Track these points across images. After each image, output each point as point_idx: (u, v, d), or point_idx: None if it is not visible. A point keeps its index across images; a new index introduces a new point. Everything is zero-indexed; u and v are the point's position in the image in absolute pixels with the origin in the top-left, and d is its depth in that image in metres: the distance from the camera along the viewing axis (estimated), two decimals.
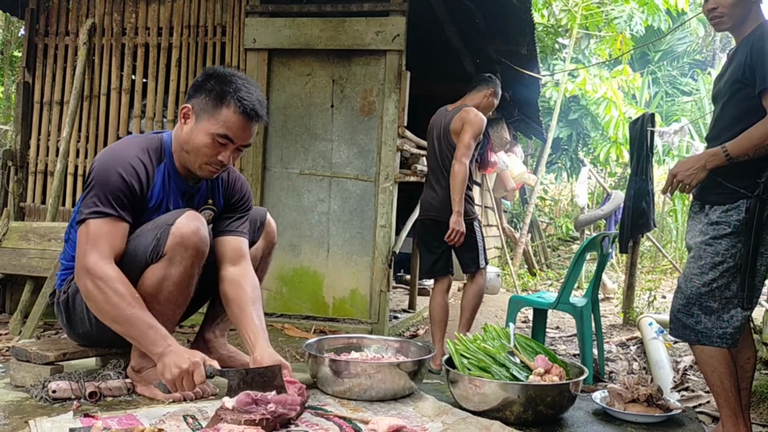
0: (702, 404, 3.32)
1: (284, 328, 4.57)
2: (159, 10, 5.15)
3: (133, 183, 2.07)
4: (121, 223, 2.05)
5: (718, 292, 2.37)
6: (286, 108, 4.91)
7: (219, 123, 2.08)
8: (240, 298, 2.23)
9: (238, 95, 2.07)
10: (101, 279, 1.96)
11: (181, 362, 1.87)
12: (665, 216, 12.44)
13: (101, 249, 1.99)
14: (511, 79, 8.06)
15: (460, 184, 3.84)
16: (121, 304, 1.95)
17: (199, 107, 2.11)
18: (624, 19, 10.19)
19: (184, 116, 2.15)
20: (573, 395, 2.11)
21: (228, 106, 2.08)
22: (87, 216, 2.03)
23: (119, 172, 2.05)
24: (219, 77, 2.12)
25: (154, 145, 2.18)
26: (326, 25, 4.77)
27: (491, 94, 4.07)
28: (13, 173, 5.31)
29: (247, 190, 2.43)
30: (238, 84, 2.10)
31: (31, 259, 4.43)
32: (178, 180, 2.22)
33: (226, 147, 2.11)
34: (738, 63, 2.40)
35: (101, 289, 1.96)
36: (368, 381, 2.15)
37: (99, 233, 2.01)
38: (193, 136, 2.11)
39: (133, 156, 2.10)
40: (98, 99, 5.24)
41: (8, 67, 14.24)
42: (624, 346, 4.95)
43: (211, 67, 2.20)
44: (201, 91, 2.12)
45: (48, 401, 2.01)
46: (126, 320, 1.96)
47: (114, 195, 2.03)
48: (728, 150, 2.33)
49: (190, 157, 2.14)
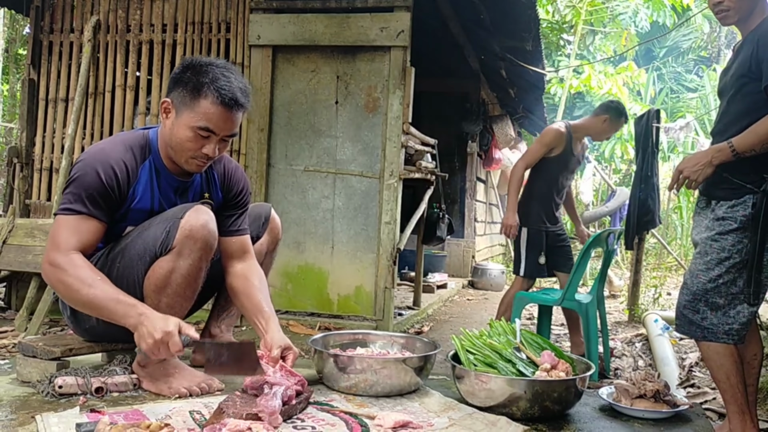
0: (708, 401, 3.31)
1: (289, 324, 4.57)
2: (163, 7, 5.14)
3: (112, 183, 2.06)
4: (91, 220, 2.04)
5: (724, 287, 2.36)
6: (290, 104, 4.90)
7: (199, 115, 2.05)
8: (248, 288, 2.27)
9: (216, 85, 2.03)
10: (60, 269, 1.97)
11: (154, 333, 1.86)
12: (670, 213, 12.40)
13: (66, 242, 2.00)
14: (515, 76, 8.05)
15: (513, 184, 4.23)
16: (81, 288, 1.95)
17: (178, 101, 2.08)
18: (629, 15, 10.15)
19: (164, 111, 2.12)
20: (580, 391, 2.10)
21: (206, 98, 2.04)
22: (59, 212, 2.05)
23: (98, 171, 2.04)
24: (195, 68, 2.08)
25: (139, 143, 2.17)
26: (331, 21, 4.77)
27: (605, 120, 4.16)
28: (18, 170, 5.32)
29: (245, 181, 2.42)
30: (215, 73, 2.05)
31: (36, 256, 4.44)
32: (168, 176, 2.21)
33: (209, 139, 2.08)
34: (744, 57, 2.39)
35: (61, 279, 1.98)
36: (374, 377, 2.15)
37: (66, 228, 2.02)
38: (174, 131, 2.09)
39: (115, 156, 2.09)
40: (103, 96, 5.24)
41: (13, 65, 14.28)
42: (629, 342, 4.94)
43: (188, 58, 2.17)
44: (178, 83, 2.09)
45: (54, 396, 2.01)
46: (90, 302, 1.96)
47: (88, 194, 2.03)
48: (734, 145, 2.31)
49: (175, 152, 2.13)
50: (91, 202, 2.04)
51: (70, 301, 2.05)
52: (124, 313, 1.93)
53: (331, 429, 1.84)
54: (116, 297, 1.95)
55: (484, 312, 6.30)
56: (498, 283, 8.08)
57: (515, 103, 9.63)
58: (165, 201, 2.21)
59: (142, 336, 1.89)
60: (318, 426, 1.85)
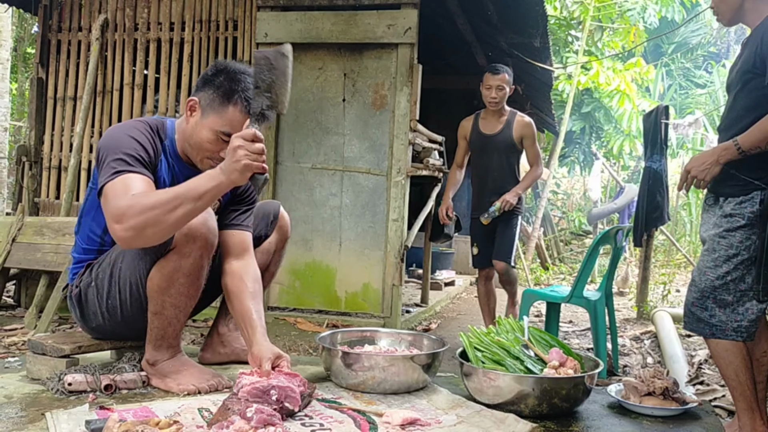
0: (717, 398, 3.30)
1: (297, 322, 4.58)
2: (171, 5, 5.16)
3: (145, 143, 2.05)
4: (140, 176, 1.95)
5: (732, 284, 2.35)
6: (297, 102, 4.91)
7: (224, 120, 2.06)
8: (240, 291, 2.20)
9: (247, 95, 2.05)
10: (133, 207, 1.82)
11: (234, 152, 1.81)
12: (679, 209, 12.35)
13: (122, 197, 1.86)
14: (523, 72, 8.01)
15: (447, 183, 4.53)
16: (160, 197, 1.83)
17: (206, 102, 2.09)
18: (637, 11, 10.10)
19: (190, 109, 2.13)
20: (588, 388, 2.10)
21: (235, 105, 2.06)
22: (105, 182, 1.93)
23: (129, 134, 2.03)
24: (229, 73, 2.09)
25: (157, 125, 2.17)
26: (338, 18, 4.76)
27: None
28: (27, 169, 5.35)
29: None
30: (248, 83, 2.07)
31: (45, 254, 4.46)
32: (180, 164, 2.21)
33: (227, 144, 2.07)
34: (749, 52, 2.37)
35: (141, 211, 1.81)
36: (382, 374, 2.15)
37: (117, 189, 1.90)
38: (197, 130, 2.10)
39: (140, 126, 2.10)
40: (111, 94, 5.26)
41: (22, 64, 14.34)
42: (638, 340, 4.92)
43: (222, 62, 2.17)
44: (209, 85, 2.10)
45: (64, 394, 2.02)
46: (177, 199, 1.82)
47: (128, 155, 1.98)
48: (740, 143, 2.30)
49: (192, 150, 2.14)
50: (134, 160, 1.98)
51: (166, 221, 1.82)
52: (208, 178, 1.85)
53: (339, 426, 1.84)
54: (187, 184, 1.86)
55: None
56: None
57: (523, 100, 9.59)
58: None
59: (234, 167, 1.82)
60: (326, 423, 1.85)
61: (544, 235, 11.06)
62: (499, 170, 4.23)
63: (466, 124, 4.36)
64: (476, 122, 4.30)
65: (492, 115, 4.25)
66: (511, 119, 4.22)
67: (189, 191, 1.84)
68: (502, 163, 4.23)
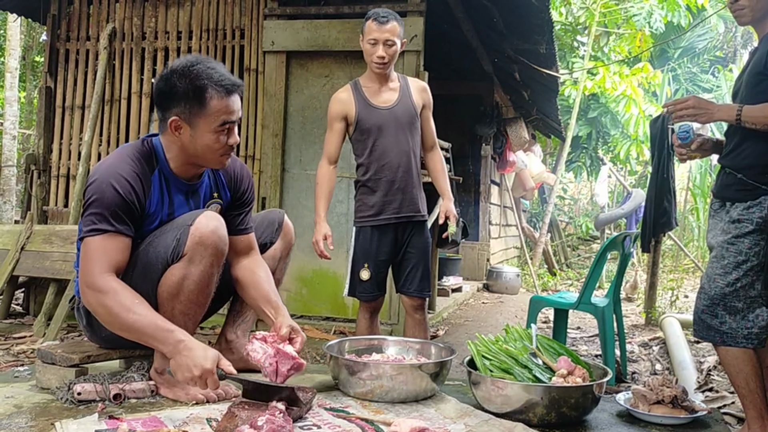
0: (727, 405, 3.28)
1: (304, 329, 4.58)
2: (178, 14, 5.19)
3: (130, 196, 2.06)
4: (119, 237, 2.05)
5: (742, 291, 2.33)
6: (304, 109, 4.92)
7: (212, 117, 2.08)
8: (255, 280, 2.31)
9: (212, 81, 2.06)
10: (101, 293, 1.98)
11: (193, 369, 1.87)
12: (687, 214, 12.30)
13: (100, 264, 2.00)
14: (529, 78, 8.02)
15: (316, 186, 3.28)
16: (121, 313, 1.96)
17: (186, 115, 2.08)
18: (643, 16, 10.09)
19: (175, 129, 2.11)
20: (597, 397, 2.09)
21: (212, 98, 2.06)
22: (85, 234, 2.04)
23: (115, 187, 2.04)
24: (181, 75, 2.07)
25: (145, 153, 2.17)
26: (344, 26, 4.78)
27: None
28: (36, 177, 5.37)
29: (249, 178, 2.45)
30: (203, 70, 2.07)
31: (54, 262, 4.48)
32: (177, 182, 2.22)
33: (230, 131, 2.13)
34: (759, 55, 2.37)
35: (102, 303, 1.98)
36: (390, 383, 2.15)
37: (97, 250, 2.01)
38: (197, 142, 2.11)
39: (127, 169, 2.09)
40: (119, 103, 5.29)
41: (30, 72, 14.43)
42: (646, 346, 4.90)
43: (164, 71, 2.16)
44: (175, 97, 2.08)
45: (73, 403, 2.03)
46: (130, 327, 1.97)
47: (111, 211, 2.03)
48: (742, 111, 2.30)
49: (202, 158, 2.16)
50: (115, 218, 2.03)
51: (110, 325, 2.04)
52: (162, 340, 1.94)
53: None
54: (155, 323, 1.96)
55: (500, 315, 6.28)
56: (513, 285, 8.05)
57: (529, 106, 9.60)
58: (178, 206, 2.23)
59: (180, 366, 1.90)
60: None
61: (551, 240, 11.04)
62: (405, 156, 3.05)
63: (344, 97, 3.10)
64: (359, 93, 3.10)
65: (379, 81, 3.10)
66: (404, 84, 3.15)
67: (141, 327, 1.95)
68: (408, 143, 3.07)
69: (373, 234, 3.04)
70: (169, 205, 2.20)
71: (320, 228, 3.02)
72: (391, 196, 3.04)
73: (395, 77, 3.16)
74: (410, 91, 3.13)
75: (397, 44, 3.03)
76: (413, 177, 3.08)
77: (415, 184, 3.10)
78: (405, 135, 3.06)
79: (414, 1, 4.66)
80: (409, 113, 3.07)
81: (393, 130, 3.04)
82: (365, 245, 3.05)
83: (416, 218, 3.12)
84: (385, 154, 3.03)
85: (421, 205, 3.15)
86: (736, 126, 2.43)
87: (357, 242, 3.09)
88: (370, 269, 3.04)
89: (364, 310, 3.11)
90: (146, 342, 1.99)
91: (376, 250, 3.04)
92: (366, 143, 3.07)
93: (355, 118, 3.06)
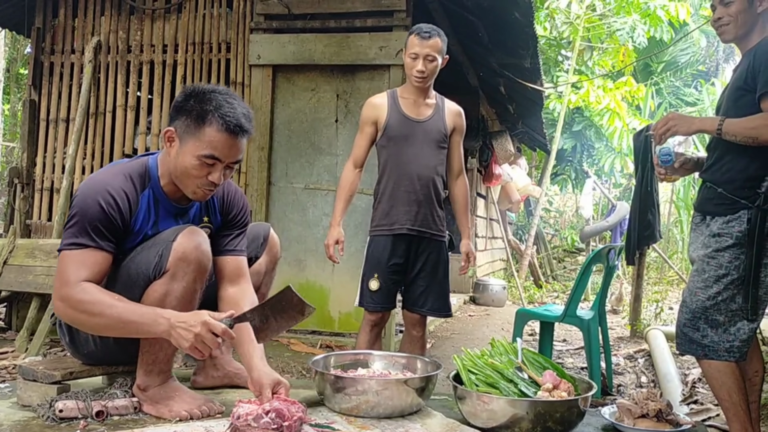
0: (711, 417, 3.30)
1: (290, 343, 4.56)
2: (164, 28, 5.19)
3: (113, 213, 2.03)
4: (99, 252, 2.01)
5: (723, 305, 2.36)
6: (290, 123, 4.93)
7: (204, 143, 2.02)
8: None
9: (220, 112, 2.01)
10: (75, 300, 1.94)
11: (192, 328, 1.85)
12: (671, 227, 12.40)
13: (73, 276, 1.96)
14: (514, 92, 8.08)
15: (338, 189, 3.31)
16: (104, 310, 1.92)
17: (182, 129, 2.05)
18: (626, 30, 10.22)
19: (168, 140, 2.09)
20: (582, 411, 2.10)
21: (210, 125, 2.01)
22: (63, 247, 2.01)
23: (99, 202, 2.01)
24: (198, 96, 2.06)
25: (138, 171, 2.14)
26: (330, 41, 4.80)
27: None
28: (19, 190, 5.33)
29: (244, 203, 2.39)
30: (219, 100, 2.04)
31: (37, 276, 4.44)
32: (167, 203, 2.18)
33: (215, 167, 2.05)
34: (741, 71, 2.41)
35: (81, 308, 1.94)
36: (376, 398, 2.14)
37: (73, 263, 1.98)
38: (180, 160, 2.06)
39: (115, 185, 2.06)
40: (104, 116, 5.27)
41: (14, 85, 14.35)
42: (632, 358, 4.92)
43: (191, 86, 2.14)
44: (182, 112, 2.06)
45: (55, 420, 2.01)
46: (116, 320, 1.93)
47: (93, 226, 2.00)
48: (723, 124, 2.34)
49: (180, 181, 2.10)
50: (96, 234, 2.00)
51: (95, 328, 2.00)
52: (152, 322, 1.91)
53: None
54: (138, 310, 1.94)
55: (486, 328, 6.28)
56: (500, 298, 8.07)
57: (514, 119, 9.66)
58: (165, 228, 2.18)
59: (181, 337, 1.86)
60: None
61: (537, 252, 11.09)
62: (427, 170, 3.06)
63: (378, 102, 3.12)
64: (394, 102, 3.10)
65: (416, 95, 3.09)
66: (440, 104, 3.16)
67: (128, 316, 1.92)
68: (433, 160, 3.09)
69: (385, 243, 3.04)
70: (153, 226, 2.16)
71: (333, 232, 3.07)
72: (408, 206, 3.04)
73: (433, 95, 3.16)
74: (444, 112, 3.15)
75: (437, 60, 3.02)
76: (432, 193, 3.07)
77: (434, 200, 3.08)
78: (431, 150, 3.08)
79: (399, 16, 4.69)
80: (439, 131, 3.10)
81: (420, 142, 3.06)
82: (376, 254, 3.06)
83: (434, 237, 3.11)
84: (408, 164, 3.04)
85: (439, 224, 3.13)
86: (718, 139, 2.46)
87: (369, 251, 3.10)
88: (380, 280, 3.05)
89: (366, 323, 3.12)
90: (137, 332, 1.95)
91: (387, 259, 3.03)
92: (390, 150, 3.08)
93: (385, 124, 3.08)
